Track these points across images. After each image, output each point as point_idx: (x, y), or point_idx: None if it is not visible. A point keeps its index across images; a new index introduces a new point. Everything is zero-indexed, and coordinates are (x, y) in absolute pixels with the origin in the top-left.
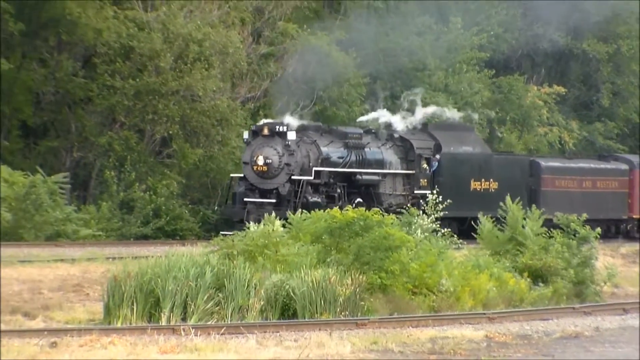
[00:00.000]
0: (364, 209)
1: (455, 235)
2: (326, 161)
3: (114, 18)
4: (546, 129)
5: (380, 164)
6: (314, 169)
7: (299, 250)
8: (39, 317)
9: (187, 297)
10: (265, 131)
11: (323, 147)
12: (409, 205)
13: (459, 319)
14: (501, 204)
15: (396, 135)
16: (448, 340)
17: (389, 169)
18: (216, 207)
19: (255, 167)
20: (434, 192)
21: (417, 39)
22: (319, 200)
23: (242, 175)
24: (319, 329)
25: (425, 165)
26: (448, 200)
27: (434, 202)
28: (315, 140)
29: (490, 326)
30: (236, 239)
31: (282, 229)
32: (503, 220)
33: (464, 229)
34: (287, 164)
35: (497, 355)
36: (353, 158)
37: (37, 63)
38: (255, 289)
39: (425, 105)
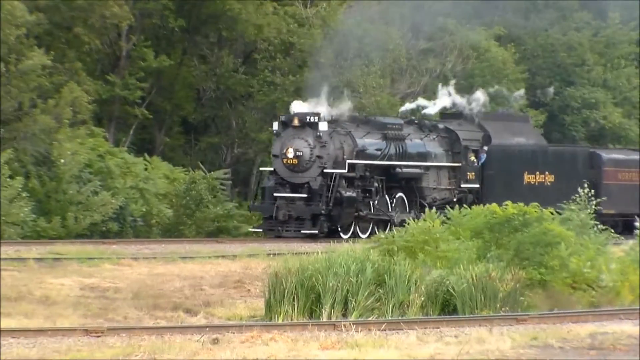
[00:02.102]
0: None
1: (612, 231)
2: (362, 153)
3: (274, 14)
4: None
5: (423, 156)
6: (348, 161)
7: (459, 246)
8: (200, 313)
9: (347, 293)
10: (296, 122)
11: (359, 139)
12: (455, 199)
13: (618, 314)
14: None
15: (441, 126)
16: (607, 335)
17: (433, 161)
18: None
19: (285, 160)
20: (585, 188)
21: (576, 35)
22: (354, 194)
23: (272, 169)
24: (479, 325)
25: (473, 158)
26: (603, 197)
27: (587, 196)
28: (350, 132)
29: None
30: (396, 235)
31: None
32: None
33: None
34: (319, 157)
35: None
36: (392, 150)
37: (198, 59)
38: (415, 284)
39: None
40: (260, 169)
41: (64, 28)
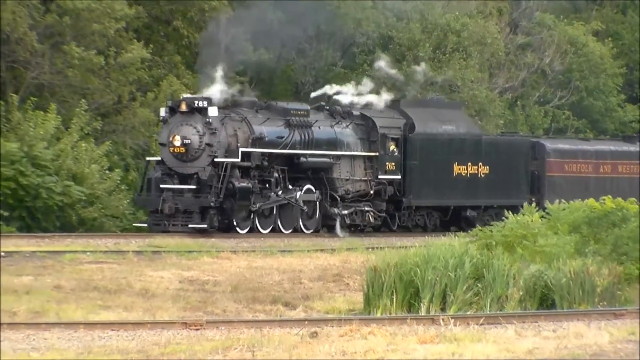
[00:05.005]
0: None
1: None
2: (259, 141)
3: (372, 8)
4: None
5: (333, 144)
6: (242, 149)
7: (557, 240)
8: (299, 307)
9: (446, 287)
10: (183, 107)
11: (256, 125)
12: (372, 192)
13: None
14: None
15: (356, 113)
16: None
17: (344, 150)
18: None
19: (172, 149)
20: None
21: None
22: (249, 185)
23: (159, 158)
24: (577, 320)
25: (393, 147)
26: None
27: None
28: (246, 117)
29: None
30: (495, 230)
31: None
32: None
33: (447, 220)
34: (209, 145)
35: None
36: (297, 138)
37: (296, 53)
38: (513, 279)
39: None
40: (147, 158)
41: (163, 22)
